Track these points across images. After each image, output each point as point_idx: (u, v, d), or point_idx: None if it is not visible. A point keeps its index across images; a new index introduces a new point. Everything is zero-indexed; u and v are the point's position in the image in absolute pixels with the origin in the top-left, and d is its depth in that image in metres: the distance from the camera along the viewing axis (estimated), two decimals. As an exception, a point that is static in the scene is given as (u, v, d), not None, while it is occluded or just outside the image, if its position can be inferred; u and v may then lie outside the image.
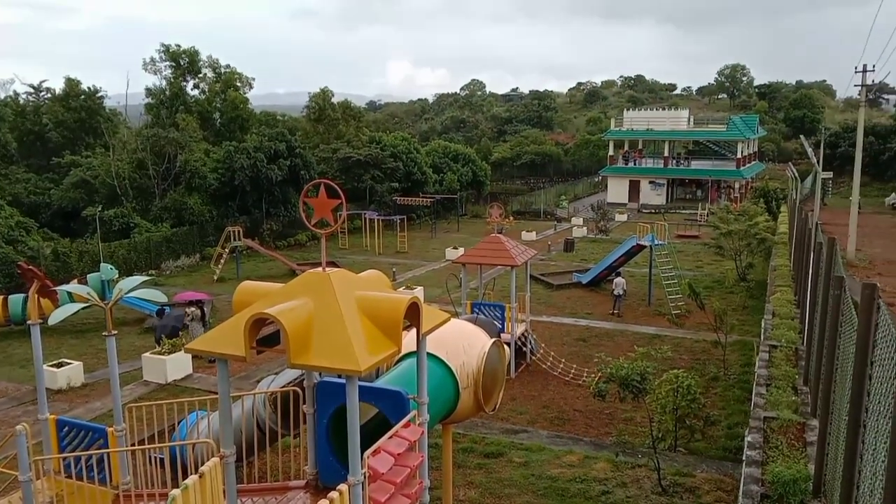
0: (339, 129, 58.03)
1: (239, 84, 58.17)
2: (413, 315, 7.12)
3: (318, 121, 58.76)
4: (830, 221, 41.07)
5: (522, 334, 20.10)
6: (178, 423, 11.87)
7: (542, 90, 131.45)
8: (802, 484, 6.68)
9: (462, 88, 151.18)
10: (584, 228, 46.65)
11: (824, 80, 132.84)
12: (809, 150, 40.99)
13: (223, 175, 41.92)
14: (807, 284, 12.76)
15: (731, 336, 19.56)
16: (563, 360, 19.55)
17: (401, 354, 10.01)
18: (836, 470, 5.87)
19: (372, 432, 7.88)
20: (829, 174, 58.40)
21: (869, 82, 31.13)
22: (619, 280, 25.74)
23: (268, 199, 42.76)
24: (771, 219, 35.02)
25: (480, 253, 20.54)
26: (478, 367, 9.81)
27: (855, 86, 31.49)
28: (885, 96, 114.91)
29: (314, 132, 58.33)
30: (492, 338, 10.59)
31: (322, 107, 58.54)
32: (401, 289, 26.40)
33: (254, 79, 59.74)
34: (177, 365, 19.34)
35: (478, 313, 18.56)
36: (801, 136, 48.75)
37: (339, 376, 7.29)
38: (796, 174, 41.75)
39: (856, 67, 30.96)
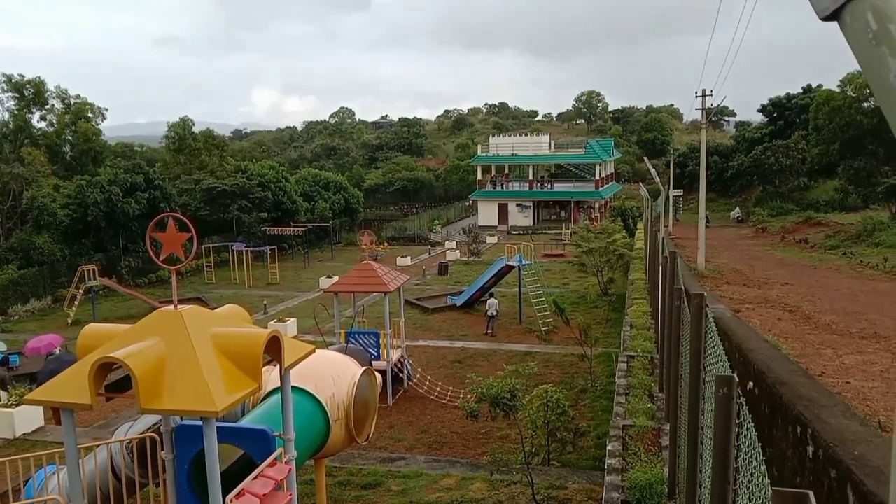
0: (201, 158, 56.21)
1: (91, 115, 55.13)
2: (274, 349, 6.94)
3: (179, 151, 56.65)
4: (683, 236, 44.08)
5: (398, 360, 20.06)
6: (26, 482, 10.91)
7: (411, 117, 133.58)
8: (658, 487, 7.04)
9: (331, 116, 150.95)
10: (458, 252, 47.44)
11: (672, 105, 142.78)
12: (653, 171, 44.00)
13: (75, 211, 39.38)
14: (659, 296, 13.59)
15: (597, 348, 20.43)
16: (440, 384, 19.67)
17: (269, 389, 9.75)
18: (685, 472, 6.24)
19: (240, 473, 7.58)
20: (680, 192, 62.85)
21: (708, 106, 33.83)
22: (491, 301, 26.31)
23: (125, 234, 40.54)
24: (628, 235, 37.12)
25: (353, 281, 20.37)
26: (348, 397, 9.68)
27: (696, 109, 34.12)
28: (726, 118, 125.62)
29: (175, 163, 56.20)
30: (363, 366, 10.49)
31: (182, 136, 56.52)
32: (272, 322, 25.69)
33: (107, 109, 56.97)
34: (26, 417, 17.78)
35: (352, 342, 18.37)
36: (645, 159, 52.25)
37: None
38: (647, 193, 44.51)
39: (696, 92, 33.58)
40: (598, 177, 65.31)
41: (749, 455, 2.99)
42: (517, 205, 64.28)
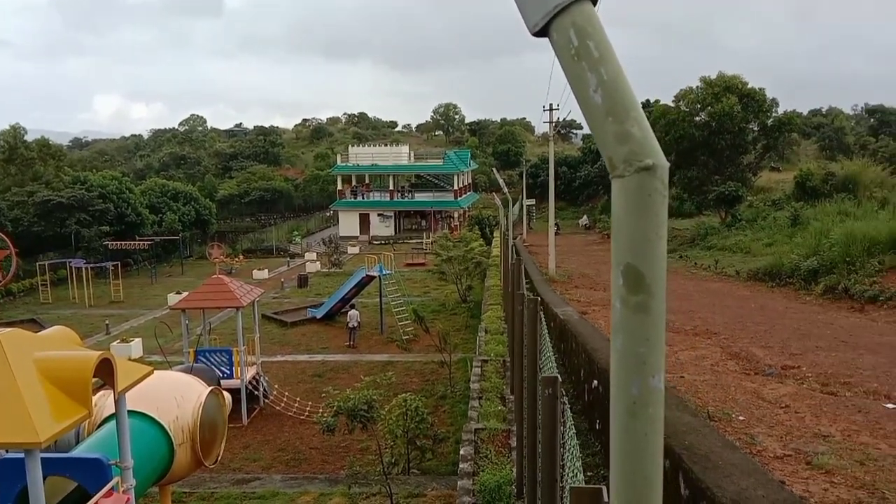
0: (35, 169, 51.92)
1: None
2: (107, 372, 6.51)
3: (10, 161, 52.01)
4: (536, 243, 45.82)
5: (254, 377, 19.44)
6: None
7: (267, 126, 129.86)
8: (506, 488, 7.25)
9: (181, 123, 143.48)
10: (318, 263, 46.72)
11: (524, 118, 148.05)
12: (502, 182, 45.63)
13: None
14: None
15: (456, 354, 20.83)
16: (299, 399, 19.27)
17: (106, 415, 9.13)
18: (528, 471, 6.47)
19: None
20: (533, 201, 65.41)
21: (556, 119, 35.46)
22: (353, 313, 26.10)
23: (-55, 252, 36.65)
24: (485, 244, 38.19)
25: (202, 296, 19.53)
26: (194, 419, 9.24)
27: (544, 122, 35.63)
28: (574, 131, 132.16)
29: (5, 174, 51.56)
30: (209, 386, 10.07)
31: (13, 145, 51.97)
32: (115, 342, 24.10)
33: (-77, 115, 51.32)
34: None
35: (202, 361, 17.61)
36: (494, 169, 54.11)
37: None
38: (500, 203, 45.97)
39: (543, 106, 35.08)
40: (456, 187, 66.68)
41: (571, 453, 3.16)
42: (378, 215, 64.34)
